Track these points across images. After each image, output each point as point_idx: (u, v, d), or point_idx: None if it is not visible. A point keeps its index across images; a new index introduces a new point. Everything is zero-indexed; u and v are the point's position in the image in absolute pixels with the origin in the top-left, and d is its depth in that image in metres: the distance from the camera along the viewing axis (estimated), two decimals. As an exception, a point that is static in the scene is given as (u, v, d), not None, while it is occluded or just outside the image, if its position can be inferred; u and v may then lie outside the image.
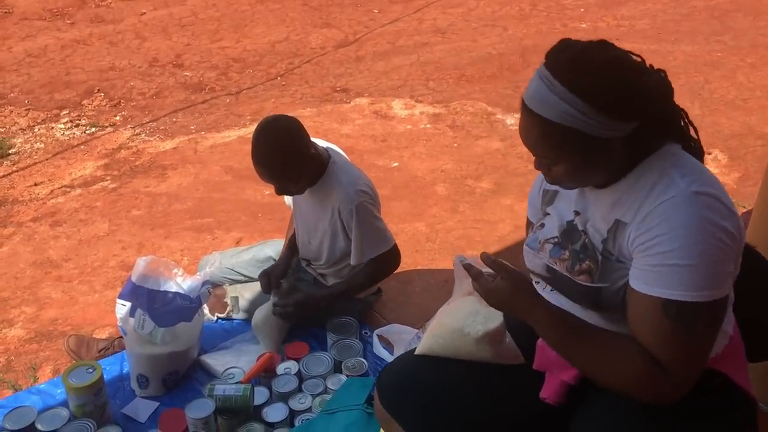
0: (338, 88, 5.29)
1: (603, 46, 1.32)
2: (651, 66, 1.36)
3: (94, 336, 2.71)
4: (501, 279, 1.42)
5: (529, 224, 1.69)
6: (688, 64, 5.59)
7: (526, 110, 1.33)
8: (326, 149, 2.48)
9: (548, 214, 1.56)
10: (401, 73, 5.58)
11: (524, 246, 1.59)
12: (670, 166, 1.32)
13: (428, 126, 4.66)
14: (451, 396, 1.59)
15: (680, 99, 1.39)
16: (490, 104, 4.94)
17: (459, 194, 3.81)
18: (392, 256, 2.53)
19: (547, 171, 1.38)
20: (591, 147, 1.29)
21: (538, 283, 1.57)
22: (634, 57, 1.34)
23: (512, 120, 4.70)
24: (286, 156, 2.28)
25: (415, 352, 1.69)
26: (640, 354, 1.28)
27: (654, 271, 1.26)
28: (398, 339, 2.46)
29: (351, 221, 2.38)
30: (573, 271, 1.42)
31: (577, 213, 1.47)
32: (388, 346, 2.46)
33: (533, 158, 1.40)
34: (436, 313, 1.76)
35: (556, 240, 1.50)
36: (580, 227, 1.45)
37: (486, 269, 1.47)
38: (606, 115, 1.26)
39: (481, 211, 3.65)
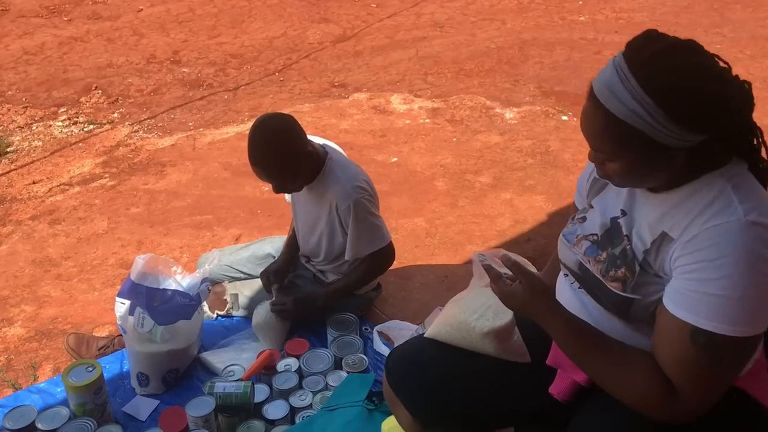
0: (336, 84, 5.27)
1: (690, 47, 1.23)
2: (736, 76, 1.26)
3: (94, 334, 2.70)
4: (519, 283, 1.38)
5: (574, 210, 1.65)
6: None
7: (592, 99, 1.25)
8: (323, 146, 2.47)
9: (592, 207, 1.51)
10: (399, 67, 5.57)
11: (561, 235, 1.55)
12: (731, 187, 1.24)
13: (427, 121, 4.65)
14: (456, 380, 1.60)
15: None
16: (489, 98, 4.93)
17: (458, 189, 3.80)
18: (387, 253, 2.53)
19: (600, 165, 1.33)
20: (653, 152, 1.23)
21: (567, 276, 1.54)
22: (721, 63, 1.24)
23: (511, 114, 4.69)
24: (282, 155, 2.27)
25: (425, 335, 1.69)
26: (653, 373, 1.25)
27: (691, 296, 1.21)
28: (398, 335, 2.45)
29: (348, 218, 2.37)
30: (606, 276, 1.37)
31: (623, 212, 1.41)
32: (389, 342, 2.46)
33: (588, 150, 1.35)
34: (450, 301, 1.75)
35: (595, 238, 1.44)
36: (624, 230, 1.39)
37: (505, 269, 1.44)
38: (677, 124, 1.18)
39: (481, 205, 3.64)
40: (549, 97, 4.98)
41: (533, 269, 1.51)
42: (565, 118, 4.68)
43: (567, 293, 1.53)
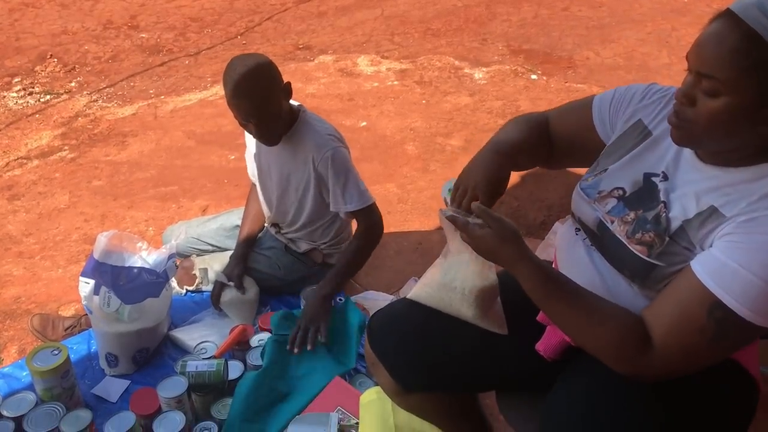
0: (301, 46, 5.15)
1: None
2: None
3: (59, 313, 2.62)
4: (488, 228, 1.32)
5: (581, 115, 1.54)
6: (654, 12, 5.54)
7: (729, 18, 1.14)
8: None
9: (619, 160, 1.40)
10: (365, 28, 5.45)
11: (577, 188, 1.46)
12: None
13: (395, 83, 4.56)
14: (439, 343, 1.56)
15: (648, 47, 1.32)
16: (458, 58, 4.85)
17: (429, 153, 3.75)
18: (375, 214, 2.40)
19: (690, 102, 1.20)
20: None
21: (578, 231, 1.47)
22: None
23: (480, 74, 4.62)
24: (268, 84, 2.18)
25: (406, 296, 1.64)
26: (629, 324, 1.23)
27: (728, 269, 1.15)
28: (373, 305, 2.41)
29: (327, 170, 2.29)
30: (632, 238, 1.30)
31: (665, 176, 1.32)
32: (364, 312, 2.42)
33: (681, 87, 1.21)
34: (432, 265, 1.66)
35: (621, 193, 1.36)
36: (661, 195, 1.30)
37: (473, 219, 1.37)
38: None
39: (452, 169, 3.59)
40: (518, 56, 4.92)
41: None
42: (534, 77, 4.63)
43: (576, 247, 1.45)
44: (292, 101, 2.36)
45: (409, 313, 1.63)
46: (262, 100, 2.17)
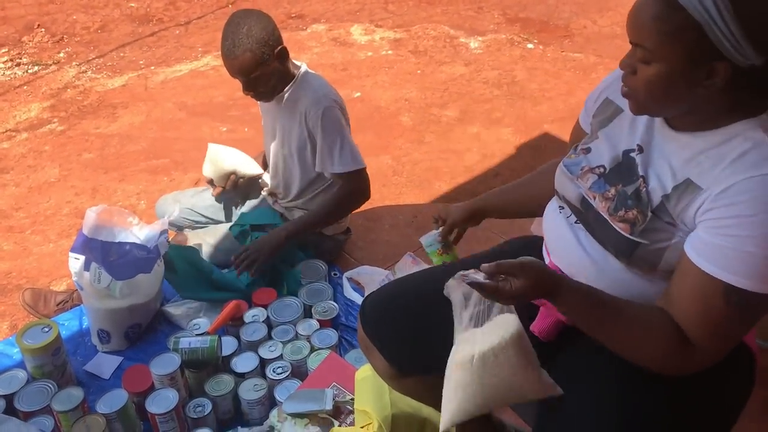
0: (293, 15, 5.06)
1: None
2: None
3: (51, 288, 2.59)
4: (515, 278, 1.21)
5: (578, 131, 1.54)
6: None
7: None
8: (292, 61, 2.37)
9: (598, 137, 1.40)
10: (359, -4, 5.36)
11: (560, 165, 1.44)
12: None
13: (390, 52, 4.49)
14: (433, 325, 1.52)
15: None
16: (453, 27, 4.78)
17: (424, 124, 3.70)
18: (363, 179, 2.36)
19: (631, 71, 1.22)
20: (702, 59, 1.13)
21: (563, 209, 1.45)
22: None
23: (476, 43, 4.55)
24: (258, 46, 2.15)
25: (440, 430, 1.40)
26: (668, 331, 1.20)
27: (726, 252, 1.14)
28: (369, 280, 2.39)
29: (317, 127, 2.26)
30: (614, 215, 1.28)
31: (640, 149, 1.31)
32: (359, 287, 2.39)
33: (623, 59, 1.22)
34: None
35: (602, 170, 1.35)
36: (639, 169, 1.28)
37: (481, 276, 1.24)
38: (742, 29, 1.09)
39: (448, 140, 3.55)
40: (514, 25, 4.84)
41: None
42: (530, 46, 4.56)
43: (561, 227, 1.44)
44: (296, 61, 2.35)
45: (402, 295, 1.60)
46: (248, 62, 2.17)
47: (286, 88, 2.31)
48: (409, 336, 1.54)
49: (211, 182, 2.60)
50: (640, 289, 1.30)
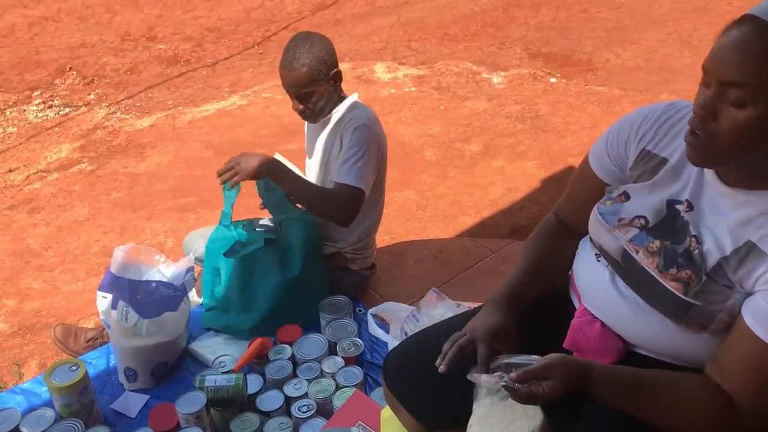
0: (318, 54, 5.13)
1: None
2: None
3: (80, 326, 2.62)
4: (547, 380, 1.20)
5: (589, 180, 1.46)
6: (675, 12, 5.46)
7: (752, 23, 1.07)
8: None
9: (637, 184, 1.33)
10: (382, 35, 5.43)
11: (595, 212, 1.37)
12: None
13: (413, 89, 4.53)
14: (455, 376, 1.50)
15: (670, 47, 1.28)
16: (475, 63, 4.81)
17: (448, 159, 3.71)
18: (352, 199, 2.28)
19: (711, 117, 1.12)
20: None
21: (599, 259, 1.39)
22: None
23: (498, 78, 4.57)
24: (314, 63, 2.22)
25: None
26: (712, 402, 1.17)
27: None
28: (394, 317, 2.37)
29: (346, 139, 2.28)
30: (665, 273, 1.22)
31: (689, 205, 1.25)
32: (384, 324, 2.38)
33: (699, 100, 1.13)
34: None
35: (643, 222, 1.28)
36: (691, 228, 1.23)
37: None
38: None
39: (472, 174, 3.55)
40: (536, 59, 4.86)
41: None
42: (553, 80, 4.57)
43: (598, 276, 1.38)
44: (352, 95, 2.41)
45: (424, 348, 1.54)
46: (304, 76, 2.23)
47: (334, 111, 2.36)
48: (434, 391, 1.50)
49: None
50: (683, 343, 1.26)
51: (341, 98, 2.38)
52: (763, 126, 1.09)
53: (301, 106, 2.31)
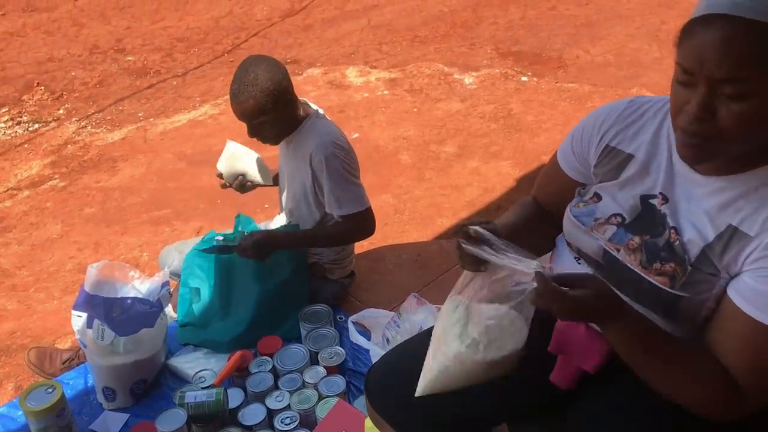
0: (289, 60, 5.11)
1: None
2: None
3: (56, 346, 2.57)
4: (579, 292, 1.15)
5: (557, 176, 1.47)
6: (642, 6, 5.50)
7: (722, 20, 1.08)
8: (307, 103, 2.43)
9: (607, 183, 1.33)
10: (352, 39, 5.41)
11: (568, 214, 1.37)
12: None
13: (386, 92, 4.52)
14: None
15: (638, 42, 1.27)
16: (447, 64, 4.81)
17: (423, 161, 3.71)
18: (364, 219, 2.37)
19: (707, 117, 1.11)
20: None
21: (579, 261, 1.37)
22: None
23: (471, 79, 4.58)
24: (273, 87, 2.20)
25: (416, 394, 1.40)
26: (720, 377, 1.16)
27: None
28: (374, 323, 2.36)
29: (321, 172, 2.27)
30: (649, 269, 1.21)
31: (664, 197, 1.25)
32: (366, 331, 2.37)
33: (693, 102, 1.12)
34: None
35: (620, 220, 1.28)
36: (669, 220, 1.22)
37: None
38: None
39: (448, 176, 3.56)
40: (507, 59, 4.88)
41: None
42: (524, 78, 4.59)
43: None
44: (313, 105, 2.42)
45: (404, 361, 1.54)
46: (251, 109, 2.21)
47: (293, 133, 2.34)
48: (418, 406, 1.47)
49: (220, 176, 2.57)
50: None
51: (300, 119, 2.35)
52: (765, 111, 1.09)
53: (255, 137, 2.31)
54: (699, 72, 1.10)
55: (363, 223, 2.38)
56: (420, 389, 1.35)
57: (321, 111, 2.46)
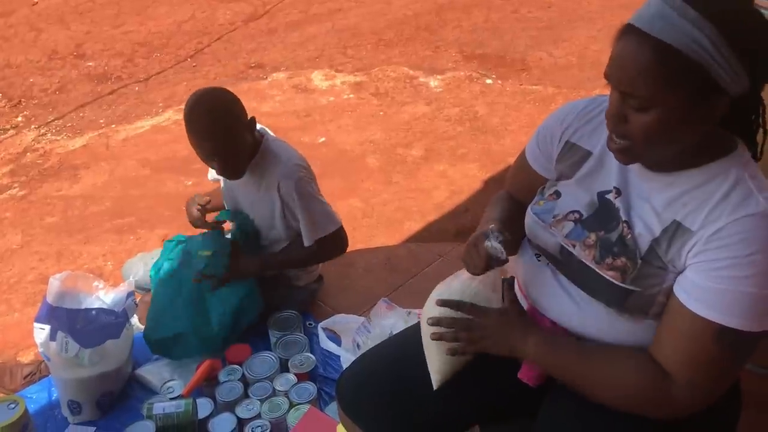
0: (253, 65, 5.07)
1: None
2: None
3: (18, 360, 2.51)
4: (481, 341, 1.33)
5: (526, 172, 1.51)
6: (603, 8, 5.57)
7: (635, 35, 1.12)
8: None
9: (566, 181, 1.38)
10: (317, 42, 5.39)
11: (530, 211, 1.41)
12: (747, 175, 1.16)
13: (351, 96, 4.51)
14: (412, 389, 1.49)
15: (600, 44, 1.30)
16: (412, 68, 4.82)
17: (391, 164, 3.71)
18: (339, 238, 2.38)
19: (621, 121, 1.16)
20: (703, 97, 1.10)
21: (539, 258, 1.41)
22: None
23: (436, 82, 4.60)
24: (230, 122, 2.14)
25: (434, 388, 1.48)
26: (645, 370, 1.19)
27: (720, 295, 1.12)
28: (345, 329, 2.35)
29: (291, 199, 2.25)
30: (602, 264, 1.25)
31: (617, 191, 1.28)
32: (335, 336, 2.35)
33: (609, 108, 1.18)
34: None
35: (577, 216, 1.32)
36: (621, 214, 1.26)
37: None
38: (740, 59, 1.07)
39: (415, 179, 3.56)
40: (471, 61, 4.90)
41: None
42: (489, 81, 4.61)
43: (543, 277, 1.40)
44: (260, 126, 2.33)
45: (377, 368, 1.55)
46: (224, 140, 2.14)
47: (254, 161, 2.29)
48: (390, 409, 1.49)
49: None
50: (629, 332, 1.27)
51: (256, 146, 2.29)
52: (670, 123, 1.13)
53: (221, 170, 2.26)
54: (611, 80, 1.17)
55: (337, 241, 2.39)
56: (435, 382, 1.45)
57: (268, 130, 2.42)
